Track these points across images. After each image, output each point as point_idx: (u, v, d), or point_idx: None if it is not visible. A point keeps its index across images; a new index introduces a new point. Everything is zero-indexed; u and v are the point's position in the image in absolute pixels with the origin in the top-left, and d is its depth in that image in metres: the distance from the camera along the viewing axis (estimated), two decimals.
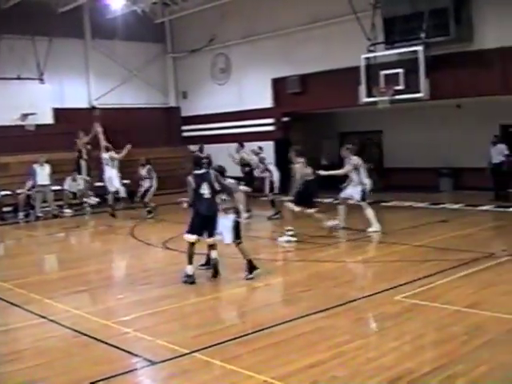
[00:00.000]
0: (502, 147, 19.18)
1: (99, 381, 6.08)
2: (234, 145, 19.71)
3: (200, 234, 10.28)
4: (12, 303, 9.32)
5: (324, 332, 7.34)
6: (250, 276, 10.26)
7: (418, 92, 18.65)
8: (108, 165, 20.06)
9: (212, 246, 10.43)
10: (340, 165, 15.47)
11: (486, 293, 8.79)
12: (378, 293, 8.95)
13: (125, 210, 20.97)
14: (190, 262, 10.17)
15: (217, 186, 10.19)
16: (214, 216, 10.28)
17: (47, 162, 20.83)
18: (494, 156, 19.21)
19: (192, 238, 10.21)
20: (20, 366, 6.65)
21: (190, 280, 10.10)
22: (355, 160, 14.63)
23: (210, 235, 10.37)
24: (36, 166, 20.49)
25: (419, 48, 18.51)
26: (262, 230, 16.69)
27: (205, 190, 10.15)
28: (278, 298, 9.83)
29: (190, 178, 10.24)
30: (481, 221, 15.95)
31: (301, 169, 13.81)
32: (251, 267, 10.32)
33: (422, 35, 18.51)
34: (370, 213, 14.48)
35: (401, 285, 9.29)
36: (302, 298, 9.03)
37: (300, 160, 13.91)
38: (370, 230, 14.33)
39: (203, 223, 10.23)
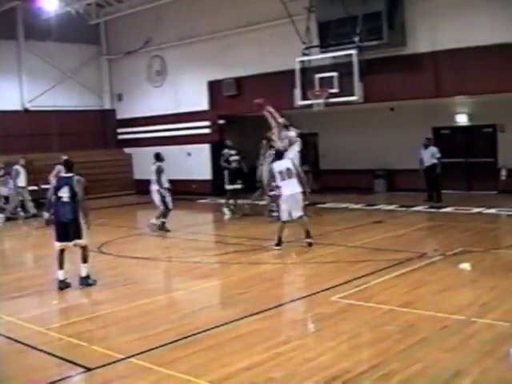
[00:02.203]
0: (434, 150, 19.53)
1: None
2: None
3: (66, 240, 10.14)
4: None
5: (260, 334, 7.36)
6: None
7: (353, 95, 18.86)
8: None
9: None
10: None
11: (419, 292, 8.96)
12: (314, 294, 9.03)
13: None
14: (61, 268, 10.13)
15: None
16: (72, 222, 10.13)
17: None
18: (426, 158, 19.55)
19: (58, 245, 10.17)
20: None
21: (62, 285, 10.08)
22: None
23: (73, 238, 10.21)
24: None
25: (353, 52, 18.73)
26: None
27: (64, 194, 10.03)
28: (214, 300, 9.82)
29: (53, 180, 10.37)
30: (414, 221, 16.25)
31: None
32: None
33: (356, 39, 18.76)
34: None
35: (336, 285, 9.39)
36: (239, 300, 9.04)
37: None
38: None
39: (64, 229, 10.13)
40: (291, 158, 14.03)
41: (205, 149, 24.72)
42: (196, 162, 25.14)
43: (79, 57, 27.71)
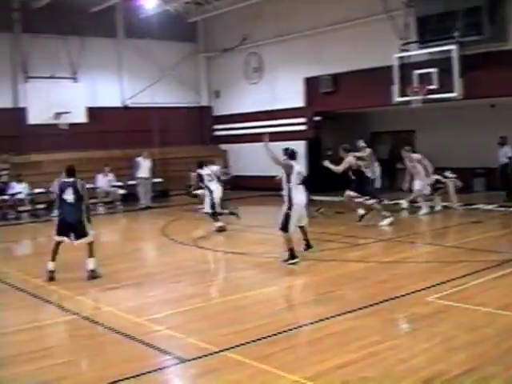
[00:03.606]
0: (507, 149, 19.64)
1: (129, 378, 6.10)
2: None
3: (66, 236, 10.68)
4: (44, 299, 9.42)
5: (354, 332, 7.30)
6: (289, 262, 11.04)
7: (452, 92, 18.51)
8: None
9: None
10: None
11: None
12: (410, 293, 8.88)
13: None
14: (53, 260, 10.65)
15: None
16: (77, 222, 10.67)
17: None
18: (500, 157, 19.79)
19: (57, 238, 10.74)
20: (49, 363, 6.67)
21: (50, 276, 10.55)
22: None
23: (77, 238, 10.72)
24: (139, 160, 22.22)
25: (453, 47, 18.37)
26: None
27: (69, 196, 10.57)
28: (307, 297, 9.78)
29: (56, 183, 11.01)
30: None
31: (350, 162, 15.24)
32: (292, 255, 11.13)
33: (456, 34, 18.36)
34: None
35: (433, 285, 9.21)
36: (332, 297, 9.00)
37: (349, 155, 15.38)
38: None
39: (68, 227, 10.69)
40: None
41: (300, 146, 24.71)
42: None
43: (177, 54, 28.18)
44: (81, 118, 23.36)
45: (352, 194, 15.67)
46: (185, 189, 22.28)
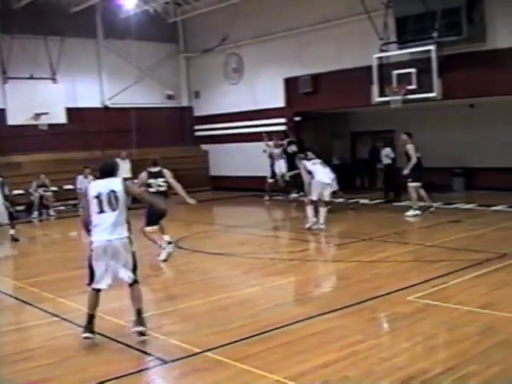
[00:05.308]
0: (389, 150, 20.69)
1: (111, 379, 6.11)
2: None
3: None
4: (24, 301, 9.38)
5: (336, 332, 7.33)
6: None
7: (431, 92, 18.59)
8: None
9: None
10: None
11: (499, 293, 8.74)
12: (391, 293, 8.92)
13: None
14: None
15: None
16: None
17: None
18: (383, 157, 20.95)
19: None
20: (32, 365, 6.67)
21: None
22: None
23: None
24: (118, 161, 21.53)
25: (432, 47, 18.44)
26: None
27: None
28: (290, 297, 9.83)
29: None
30: (494, 221, 15.73)
31: (413, 149, 16.77)
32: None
33: (435, 35, 18.45)
34: None
35: (413, 285, 9.27)
36: (315, 297, 9.04)
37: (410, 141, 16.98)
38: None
39: None
40: None
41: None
42: None
43: (157, 55, 28.09)
44: (60, 118, 23.22)
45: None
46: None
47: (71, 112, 23.78)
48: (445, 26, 18.41)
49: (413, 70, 19.03)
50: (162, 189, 12.55)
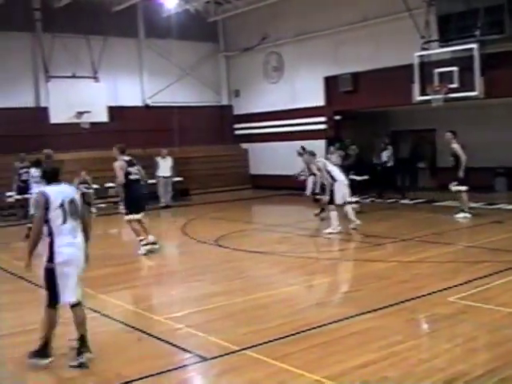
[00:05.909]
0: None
1: (150, 376, 6.16)
2: None
3: None
4: None
5: (375, 332, 7.29)
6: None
7: (473, 90, 18.38)
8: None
9: None
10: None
11: None
12: (431, 293, 8.84)
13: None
14: None
15: None
16: None
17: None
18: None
19: None
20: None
21: None
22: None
23: None
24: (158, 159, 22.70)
25: (474, 46, 18.24)
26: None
27: None
28: (329, 296, 9.78)
29: None
30: None
31: (460, 148, 16.54)
32: None
33: (477, 33, 18.24)
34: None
35: (454, 286, 9.17)
36: (354, 297, 9.00)
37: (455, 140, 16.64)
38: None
39: None
40: None
41: (320, 145, 24.67)
42: None
43: (197, 54, 28.23)
44: (102, 117, 23.41)
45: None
46: None
47: (113, 110, 23.94)
48: (487, 24, 18.18)
49: (454, 69, 18.83)
50: (137, 177, 12.83)
